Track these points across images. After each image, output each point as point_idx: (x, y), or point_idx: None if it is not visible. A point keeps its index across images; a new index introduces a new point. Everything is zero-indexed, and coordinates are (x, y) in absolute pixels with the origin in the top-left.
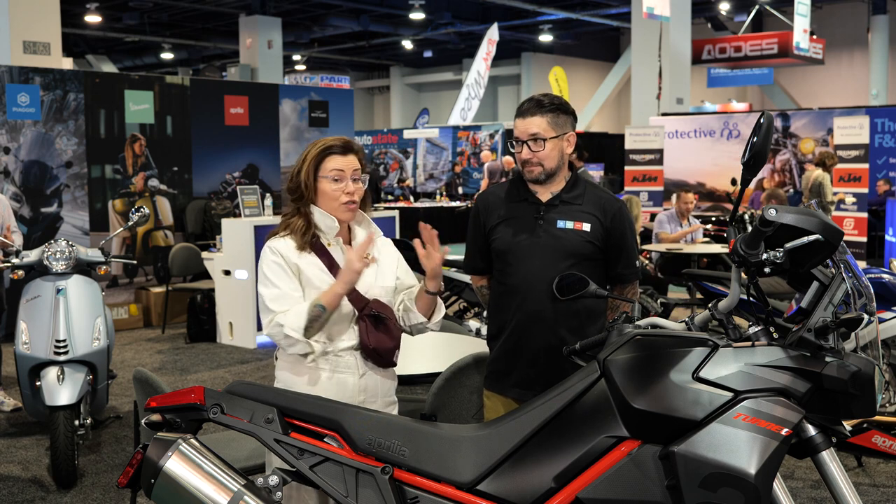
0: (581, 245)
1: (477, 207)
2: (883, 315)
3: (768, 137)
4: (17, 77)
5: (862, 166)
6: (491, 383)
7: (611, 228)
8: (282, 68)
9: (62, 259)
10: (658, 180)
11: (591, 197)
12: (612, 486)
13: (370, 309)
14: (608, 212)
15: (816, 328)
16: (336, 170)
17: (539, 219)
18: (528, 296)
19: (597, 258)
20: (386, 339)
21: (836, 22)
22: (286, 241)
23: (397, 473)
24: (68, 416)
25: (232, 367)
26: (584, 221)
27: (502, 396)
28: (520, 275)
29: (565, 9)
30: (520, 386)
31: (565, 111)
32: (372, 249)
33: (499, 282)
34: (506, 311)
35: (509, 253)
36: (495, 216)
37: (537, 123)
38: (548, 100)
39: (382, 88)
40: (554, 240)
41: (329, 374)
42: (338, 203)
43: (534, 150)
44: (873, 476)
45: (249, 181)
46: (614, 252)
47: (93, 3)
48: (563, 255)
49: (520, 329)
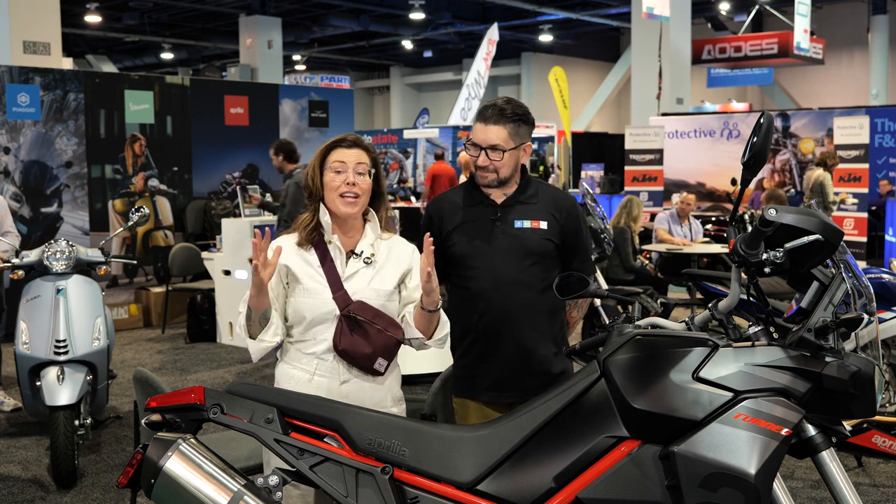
0: (540, 243)
1: (430, 214)
2: (883, 315)
3: (768, 137)
4: (17, 77)
5: (862, 166)
6: (461, 389)
7: (566, 225)
8: (282, 68)
9: (62, 259)
10: (658, 180)
11: (545, 196)
12: (612, 486)
13: (349, 310)
14: (562, 209)
15: (816, 328)
16: (338, 161)
17: (496, 220)
18: (493, 297)
19: (555, 255)
20: (361, 344)
21: (836, 22)
22: (289, 237)
23: (397, 473)
24: (68, 416)
25: (232, 367)
26: (541, 220)
27: (473, 401)
28: (482, 277)
29: (565, 9)
30: (493, 389)
31: (526, 121)
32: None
33: (459, 286)
34: (469, 314)
35: (470, 256)
36: (450, 222)
37: (498, 134)
38: (511, 109)
39: (382, 88)
40: (513, 240)
41: (308, 377)
42: (336, 194)
43: (492, 158)
44: (873, 476)
45: (249, 181)
46: (570, 248)
47: (93, 3)
48: (524, 255)
49: (488, 332)
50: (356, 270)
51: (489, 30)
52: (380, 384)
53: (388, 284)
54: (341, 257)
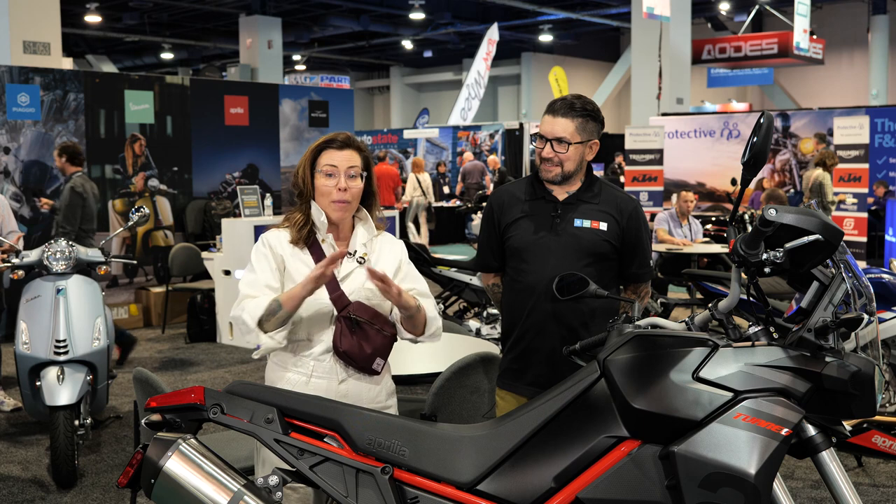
0: (598, 244)
1: (491, 205)
2: (883, 315)
3: (768, 137)
4: (17, 77)
5: (862, 166)
6: (505, 382)
7: (627, 228)
8: (282, 68)
9: (62, 259)
10: (658, 180)
11: (608, 196)
12: (612, 486)
13: (348, 311)
14: (624, 211)
15: (816, 328)
16: (329, 165)
17: (556, 217)
18: (544, 294)
19: (612, 257)
20: (361, 345)
21: (836, 22)
22: (281, 233)
23: (397, 473)
24: (68, 416)
25: (232, 367)
26: (601, 220)
27: (516, 395)
28: (536, 273)
29: (565, 9)
30: (535, 385)
31: (595, 119)
32: (364, 255)
33: (513, 279)
34: (520, 309)
35: (525, 251)
36: (511, 214)
37: (565, 126)
38: (580, 104)
39: (382, 88)
40: (571, 238)
41: (306, 379)
42: (328, 199)
43: (557, 150)
44: (873, 476)
45: (249, 181)
46: (629, 251)
47: (93, 3)
48: (580, 254)
49: (535, 328)
50: (351, 270)
51: (489, 30)
52: (376, 382)
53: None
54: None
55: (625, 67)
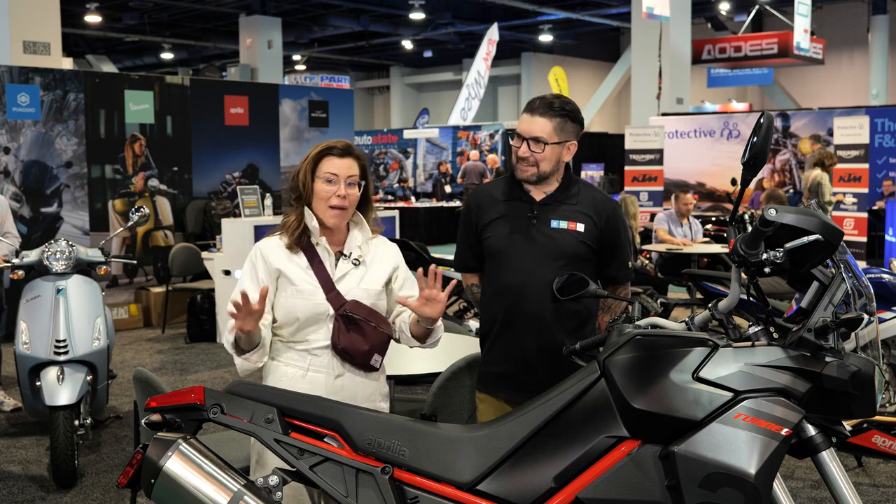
0: (575, 245)
1: (469, 205)
2: (883, 315)
3: (768, 137)
4: (17, 77)
5: (862, 166)
6: (483, 385)
7: (605, 229)
8: (282, 68)
9: (62, 259)
10: (658, 180)
11: (586, 197)
12: (612, 487)
13: (345, 309)
14: (602, 213)
15: (816, 328)
16: (330, 172)
17: (533, 218)
18: (521, 295)
19: (589, 259)
20: (359, 341)
21: (836, 22)
22: (275, 240)
23: (397, 473)
24: (68, 416)
25: (232, 367)
26: (578, 222)
27: (494, 398)
28: (513, 274)
29: (565, 9)
30: (513, 388)
31: (574, 119)
32: (362, 251)
33: (490, 280)
34: (497, 310)
35: (502, 252)
36: (488, 214)
37: (542, 126)
38: (559, 104)
39: (382, 88)
40: (547, 239)
41: (303, 373)
42: (326, 205)
43: (533, 150)
44: (873, 476)
45: (249, 181)
46: (608, 253)
47: (93, 3)
48: (556, 256)
49: (513, 329)
50: (346, 271)
51: (489, 30)
52: (373, 379)
53: (376, 284)
54: (330, 259)
55: (625, 67)
